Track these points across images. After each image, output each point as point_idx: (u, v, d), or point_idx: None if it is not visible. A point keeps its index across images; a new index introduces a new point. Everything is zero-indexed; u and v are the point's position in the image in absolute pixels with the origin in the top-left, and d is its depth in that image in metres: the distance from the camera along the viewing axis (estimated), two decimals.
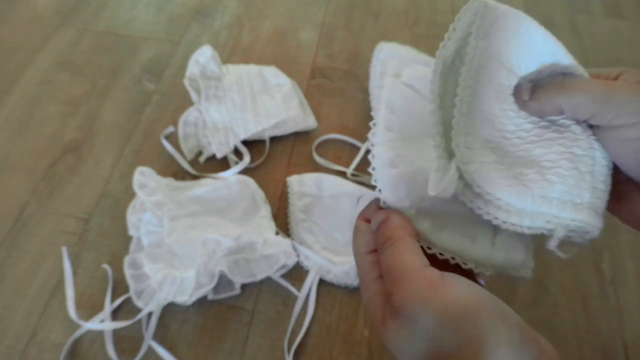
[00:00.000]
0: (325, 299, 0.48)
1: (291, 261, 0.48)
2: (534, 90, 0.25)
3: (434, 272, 0.22)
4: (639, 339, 0.46)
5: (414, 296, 0.21)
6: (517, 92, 0.25)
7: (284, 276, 0.49)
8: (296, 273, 0.49)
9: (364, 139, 0.61)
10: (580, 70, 0.24)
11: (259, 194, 0.53)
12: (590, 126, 0.25)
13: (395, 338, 0.22)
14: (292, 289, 0.48)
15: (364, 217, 0.27)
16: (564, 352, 0.44)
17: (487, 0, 0.25)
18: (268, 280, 0.49)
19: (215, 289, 0.47)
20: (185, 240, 0.48)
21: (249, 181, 0.54)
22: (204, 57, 0.61)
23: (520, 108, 0.25)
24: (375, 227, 0.26)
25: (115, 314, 0.47)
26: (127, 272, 0.47)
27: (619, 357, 0.45)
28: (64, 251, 0.50)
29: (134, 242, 0.50)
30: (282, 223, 0.53)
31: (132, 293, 0.46)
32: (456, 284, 0.22)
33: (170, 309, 0.47)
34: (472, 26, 0.25)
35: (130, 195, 0.52)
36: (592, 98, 0.23)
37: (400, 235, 0.24)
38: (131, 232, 0.50)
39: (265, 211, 0.52)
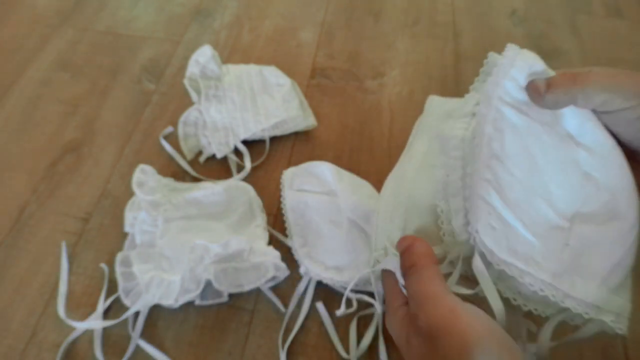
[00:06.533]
0: (325, 299, 0.48)
1: (282, 274, 0.47)
2: (549, 84, 0.27)
3: (455, 299, 0.25)
4: (639, 338, 0.46)
5: (437, 318, 0.24)
6: (532, 87, 0.28)
7: (283, 280, 0.49)
8: (294, 274, 0.49)
9: (364, 138, 0.61)
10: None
11: (257, 202, 0.52)
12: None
13: (418, 354, 0.25)
14: (280, 305, 0.47)
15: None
16: (564, 352, 0.44)
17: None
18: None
19: (204, 295, 0.47)
20: (177, 243, 0.48)
21: (248, 188, 0.53)
22: (204, 57, 0.61)
23: (535, 102, 0.28)
24: (401, 251, 0.29)
25: (114, 314, 0.47)
26: (118, 269, 0.47)
27: (619, 357, 0.45)
28: (63, 246, 0.50)
29: (129, 239, 0.50)
30: (283, 223, 0.53)
31: (120, 291, 0.46)
32: (472, 312, 0.24)
33: (170, 309, 0.47)
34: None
35: (130, 195, 0.52)
36: (602, 86, 0.26)
37: (425, 263, 0.27)
38: (127, 228, 0.50)
39: (261, 220, 0.51)
